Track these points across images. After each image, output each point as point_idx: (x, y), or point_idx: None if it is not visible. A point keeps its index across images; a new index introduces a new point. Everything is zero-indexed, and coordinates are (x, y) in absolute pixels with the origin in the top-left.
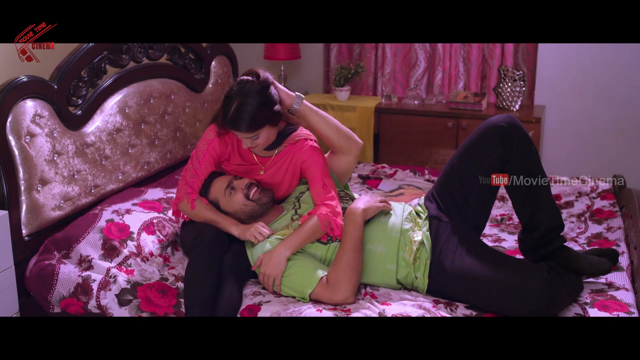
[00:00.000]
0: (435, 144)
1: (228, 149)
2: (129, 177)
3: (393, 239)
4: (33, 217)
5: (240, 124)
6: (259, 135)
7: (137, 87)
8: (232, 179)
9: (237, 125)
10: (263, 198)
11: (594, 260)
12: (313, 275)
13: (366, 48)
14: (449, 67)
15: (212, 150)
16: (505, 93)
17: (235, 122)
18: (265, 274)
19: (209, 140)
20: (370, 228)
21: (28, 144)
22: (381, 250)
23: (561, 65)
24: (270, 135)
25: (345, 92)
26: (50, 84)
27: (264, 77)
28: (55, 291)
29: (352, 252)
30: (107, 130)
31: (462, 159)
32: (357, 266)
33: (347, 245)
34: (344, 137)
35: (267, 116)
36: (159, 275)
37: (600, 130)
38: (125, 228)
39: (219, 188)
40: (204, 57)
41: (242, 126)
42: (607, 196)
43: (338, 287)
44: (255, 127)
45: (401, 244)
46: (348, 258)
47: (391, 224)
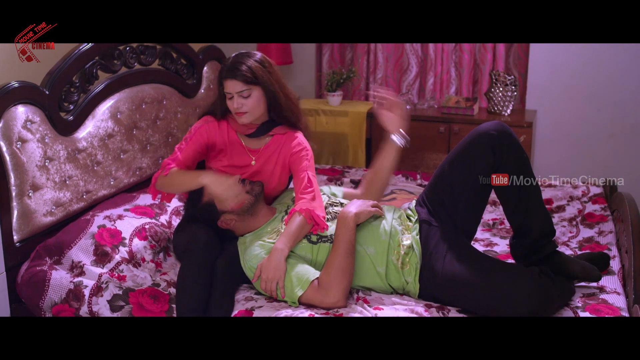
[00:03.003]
0: (427, 148)
1: (217, 137)
2: (121, 182)
3: (383, 242)
4: (24, 223)
5: (236, 72)
6: (251, 93)
7: (129, 92)
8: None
9: (233, 73)
10: (255, 188)
11: (586, 266)
12: (304, 278)
13: (358, 53)
14: (440, 72)
15: (202, 131)
16: (497, 98)
17: (232, 69)
18: (267, 280)
19: (199, 125)
20: (360, 230)
21: (19, 149)
22: (371, 252)
23: (552, 70)
24: (260, 104)
25: (337, 97)
26: (42, 89)
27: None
28: (46, 297)
29: (344, 255)
30: (98, 136)
31: (452, 165)
32: (348, 269)
33: (339, 248)
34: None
35: (263, 76)
36: (151, 281)
37: (592, 134)
38: (117, 234)
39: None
40: (196, 63)
41: (238, 74)
42: (598, 200)
43: (329, 289)
44: (250, 78)
45: (390, 246)
46: (340, 261)
47: (381, 226)
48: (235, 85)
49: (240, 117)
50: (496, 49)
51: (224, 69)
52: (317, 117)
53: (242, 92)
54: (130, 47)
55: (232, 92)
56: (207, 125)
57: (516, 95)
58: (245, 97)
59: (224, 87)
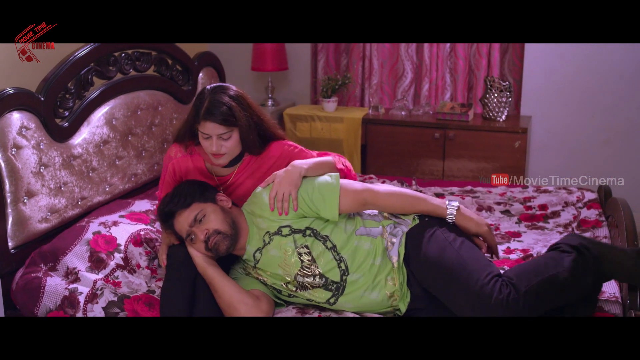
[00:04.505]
0: (423, 154)
1: (187, 169)
2: (116, 189)
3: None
4: (19, 230)
5: (215, 113)
6: (231, 135)
7: (124, 98)
8: (189, 229)
9: (213, 115)
10: (221, 247)
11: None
12: (327, 181)
13: (353, 59)
14: (435, 78)
15: (171, 172)
16: (492, 104)
17: (211, 111)
18: (279, 190)
19: (167, 164)
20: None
21: (14, 156)
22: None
23: (547, 76)
24: (238, 145)
25: (332, 103)
26: (37, 95)
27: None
28: (41, 304)
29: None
30: (94, 142)
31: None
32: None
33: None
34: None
35: (241, 117)
36: (146, 287)
37: (586, 140)
38: (112, 240)
39: (179, 230)
40: (191, 69)
41: (219, 116)
42: (593, 206)
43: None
44: (230, 120)
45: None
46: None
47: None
48: (216, 128)
49: (218, 159)
50: (491, 55)
51: (202, 109)
52: (312, 123)
53: (223, 134)
54: (126, 54)
55: (210, 134)
56: (176, 161)
57: (511, 101)
58: (225, 139)
59: (201, 126)
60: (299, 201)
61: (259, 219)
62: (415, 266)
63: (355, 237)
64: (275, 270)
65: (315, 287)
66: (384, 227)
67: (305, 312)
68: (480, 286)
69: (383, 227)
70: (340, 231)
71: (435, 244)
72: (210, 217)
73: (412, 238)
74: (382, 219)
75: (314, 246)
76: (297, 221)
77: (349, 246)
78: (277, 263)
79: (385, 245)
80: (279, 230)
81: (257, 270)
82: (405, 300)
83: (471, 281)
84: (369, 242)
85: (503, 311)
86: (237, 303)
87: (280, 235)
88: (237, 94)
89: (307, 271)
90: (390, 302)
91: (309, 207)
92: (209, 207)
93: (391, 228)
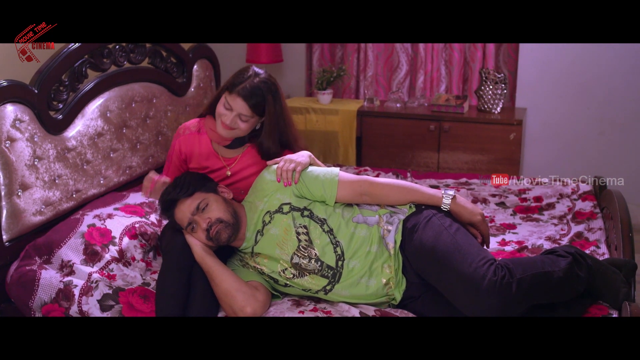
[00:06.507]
0: (418, 146)
1: (193, 147)
2: (111, 181)
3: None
4: (14, 223)
5: (251, 97)
6: (250, 120)
7: (119, 91)
8: (191, 217)
9: (247, 96)
10: (223, 235)
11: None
12: (329, 171)
13: (348, 51)
14: (430, 70)
15: (177, 149)
16: (487, 96)
17: (247, 92)
18: (287, 162)
19: (175, 142)
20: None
21: (8, 148)
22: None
23: (542, 68)
24: (249, 131)
25: (327, 95)
26: (31, 88)
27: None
28: (36, 297)
29: None
30: (88, 135)
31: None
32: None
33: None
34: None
35: (269, 112)
36: (141, 280)
37: (581, 132)
38: (107, 233)
39: (180, 219)
40: (186, 61)
41: (251, 100)
42: (588, 197)
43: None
44: (259, 110)
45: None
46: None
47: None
48: (242, 107)
49: (226, 130)
50: (486, 47)
51: (238, 85)
52: (307, 116)
53: (243, 115)
54: (120, 46)
55: (233, 109)
56: (183, 138)
57: (506, 93)
58: (242, 120)
59: (231, 98)
60: (299, 182)
61: (258, 202)
62: (411, 251)
63: (352, 224)
64: (273, 252)
65: (312, 272)
66: (380, 216)
67: (301, 304)
68: (475, 268)
69: (380, 216)
70: (337, 216)
71: (431, 229)
72: (213, 206)
73: (408, 224)
74: (378, 208)
75: (311, 227)
76: (297, 200)
77: (346, 232)
78: (276, 242)
79: (382, 233)
80: (280, 208)
81: (254, 257)
82: (400, 288)
83: (465, 263)
84: (366, 230)
85: (495, 294)
86: (235, 291)
87: (281, 212)
88: (276, 88)
89: (303, 252)
90: (386, 291)
91: (308, 189)
92: (211, 197)
93: (387, 217)
